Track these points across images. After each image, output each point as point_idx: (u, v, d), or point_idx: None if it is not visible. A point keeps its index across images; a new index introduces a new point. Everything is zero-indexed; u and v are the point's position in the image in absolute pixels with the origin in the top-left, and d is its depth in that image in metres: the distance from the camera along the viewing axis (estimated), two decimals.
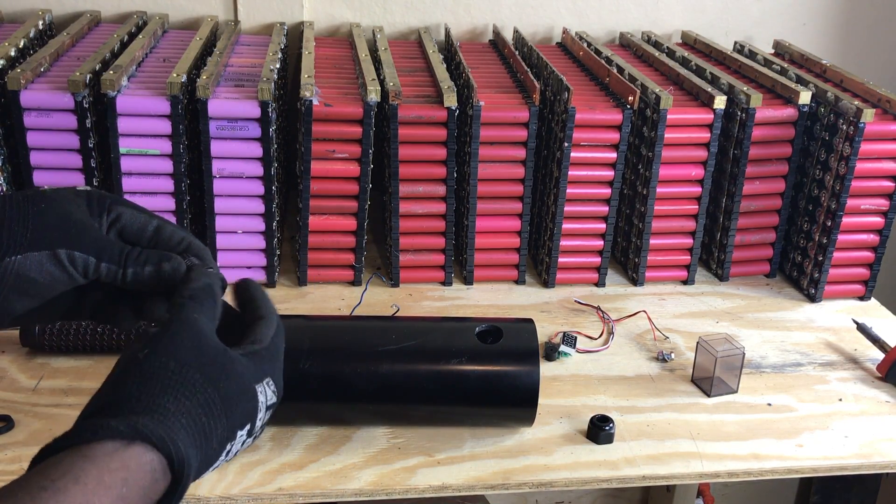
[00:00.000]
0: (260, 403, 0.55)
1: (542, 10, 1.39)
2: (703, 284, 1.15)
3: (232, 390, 0.53)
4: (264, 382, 0.56)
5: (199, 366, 0.52)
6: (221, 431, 0.52)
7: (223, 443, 0.53)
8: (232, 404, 0.53)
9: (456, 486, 0.77)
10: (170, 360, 0.52)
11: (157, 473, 0.47)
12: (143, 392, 0.50)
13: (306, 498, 0.76)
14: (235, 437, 0.53)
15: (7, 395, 0.85)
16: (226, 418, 0.52)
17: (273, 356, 0.58)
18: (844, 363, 0.99)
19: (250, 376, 0.55)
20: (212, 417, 0.51)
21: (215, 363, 0.53)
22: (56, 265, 0.57)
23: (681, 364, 0.97)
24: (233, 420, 0.53)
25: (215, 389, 0.52)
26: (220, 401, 0.52)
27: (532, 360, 0.79)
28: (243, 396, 0.54)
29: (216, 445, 0.52)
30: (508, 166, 1.06)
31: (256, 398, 0.55)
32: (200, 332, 0.54)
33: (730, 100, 1.07)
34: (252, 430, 0.55)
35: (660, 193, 1.09)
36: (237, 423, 0.53)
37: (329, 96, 1.02)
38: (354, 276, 1.09)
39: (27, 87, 0.96)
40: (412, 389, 0.78)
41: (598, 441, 0.83)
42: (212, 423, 0.51)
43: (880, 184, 1.08)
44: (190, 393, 0.51)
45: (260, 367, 0.57)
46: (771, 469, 0.82)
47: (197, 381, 0.51)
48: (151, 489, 0.47)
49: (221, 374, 0.53)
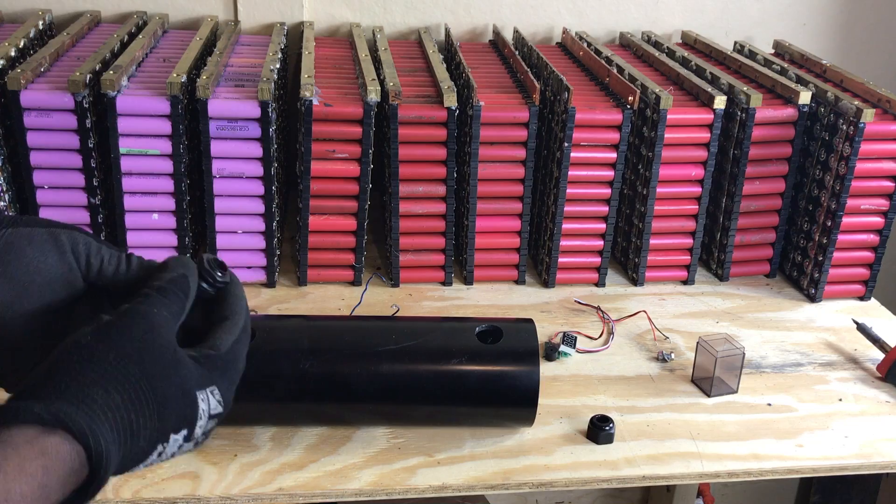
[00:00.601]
0: (201, 411, 0.53)
1: (542, 10, 1.39)
2: (703, 284, 1.15)
3: (170, 392, 0.51)
4: (207, 390, 0.54)
5: (139, 360, 0.50)
6: (151, 432, 0.50)
7: (153, 443, 0.50)
8: (167, 405, 0.51)
9: (456, 486, 0.77)
10: (110, 352, 0.50)
11: (74, 464, 0.46)
12: (74, 380, 0.48)
13: (306, 498, 0.76)
14: (168, 439, 0.51)
15: (7, 396, 0.84)
16: (158, 419, 0.50)
17: (227, 364, 0.56)
18: (844, 363, 0.99)
19: (194, 381, 0.53)
20: (141, 416, 0.49)
21: (158, 361, 0.51)
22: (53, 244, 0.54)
23: (681, 364, 0.97)
24: (165, 422, 0.51)
25: (150, 388, 0.50)
26: (155, 401, 0.50)
27: (532, 360, 0.79)
28: (182, 400, 0.52)
29: (144, 444, 0.50)
30: (508, 166, 1.06)
31: (196, 404, 0.53)
32: (152, 327, 0.52)
33: (730, 100, 1.07)
34: (190, 436, 0.53)
35: (660, 193, 1.09)
36: (170, 426, 0.51)
37: (329, 96, 1.02)
38: (354, 276, 1.09)
39: (27, 87, 0.96)
40: (412, 389, 0.78)
41: (598, 441, 0.83)
42: (141, 420, 0.49)
43: (880, 184, 1.08)
44: (122, 388, 0.49)
45: (209, 373, 0.54)
46: (771, 469, 0.82)
47: (132, 376, 0.49)
48: (69, 480, 0.46)
49: (161, 373, 0.51)
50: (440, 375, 0.78)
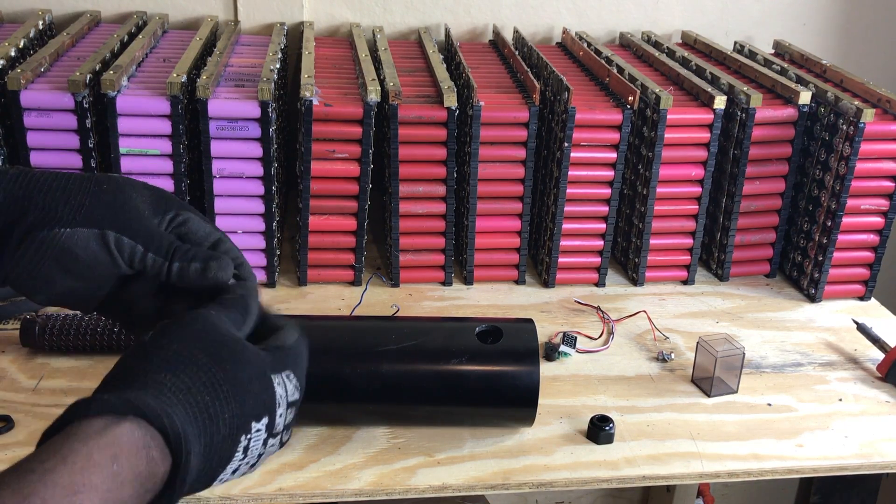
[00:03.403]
0: (278, 396, 0.52)
1: (542, 10, 1.39)
2: (703, 284, 1.15)
3: (243, 374, 0.50)
4: (283, 374, 0.54)
5: (203, 346, 0.50)
6: (230, 417, 0.49)
7: (235, 433, 0.49)
8: (242, 389, 0.50)
9: (456, 486, 0.77)
10: (172, 343, 0.50)
11: (151, 451, 0.45)
12: (140, 369, 0.48)
13: (306, 498, 0.76)
14: (250, 429, 0.50)
15: (7, 395, 0.85)
16: (235, 403, 0.49)
17: (296, 355, 0.56)
18: (844, 363, 0.99)
19: (267, 365, 0.53)
20: (217, 398, 0.48)
21: (224, 347, 0.51)
22: (101, 246, 0.56)
23: (681, 364, 0.97)
24: (245, 407, 0.50)
25: (221, 370, 0.49)
26: (228, 383, 0.49)
27: (532, 360, 0.79)
28: (256, 383, 0.51)
29: (225, 432, 0.49)
30: (508, 166, 1.06)
31: (273, 388, 0.52)
32: (212, 323, 0.52)
33: (730, 100, 1.07)
34: (272, 427, 0.52)
35: (660, 193, 1.09)
36: (250, 412, 0.50)
37: (329, 96, 1.02)
38: (354, 276, 1.09)
39: (27, 87, 0.96)
40: (412, 389, 0.78)
41: (598, 441, 0.83)
42: (217, 404, 0.48)
43: (880, 184, 1.08)
44: (192, 371, 0.48)
45: (280, 359, 0.54)
46: (771, 469, 0.82)
47: (201, 361, 0.49)
48: (147, 469, 0.44)
49: (230, 357, 0.51)
50: (440, 375, 0.78)
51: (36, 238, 0.55)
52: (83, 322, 0.90)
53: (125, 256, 0.57)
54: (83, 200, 0.56)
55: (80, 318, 0.90)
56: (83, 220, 0.56)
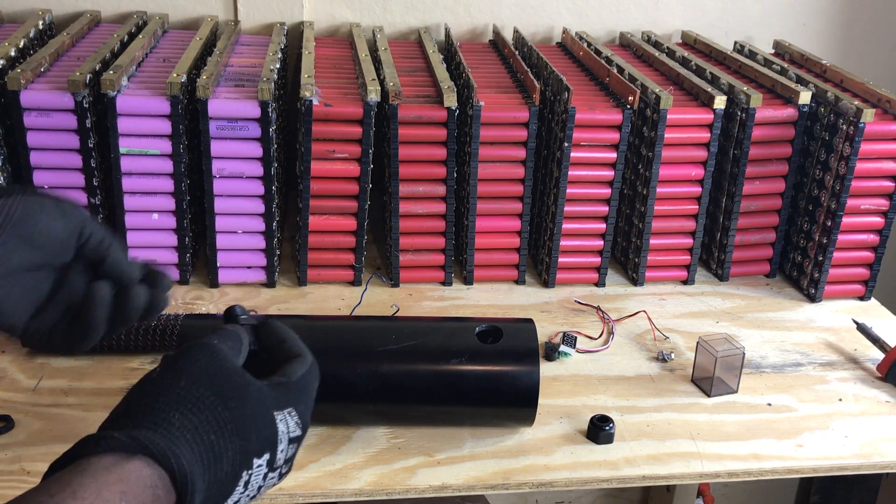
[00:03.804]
0: (280, 433, 0.54)
1: (542, 10, 1.38)
2: (703, 284, 1.15)
3: (246, 412, 0.52)
4: (285, 411, 0.55)
5: (210, 384, 0.51)
6: (233, 454, 0.50)
7: (237, 469, 0.51)
8: (245, 426, 0.51)
9: (456, 486, 0.77)
10: (181, 379, 0.51)
11: (158, 490, 0.46)
12: (149, 408, 0.49)
13: (306, 498, 0.76)
14: (252, 465, 0.51)
15: (7, 395, 0.85)
16: (239, 440, 0.51)
17: (300, 390, 0.57)
18: (844, 363, 0.99)
19: (270, 402, 0.54)
20: (221, 437, 0.50)
21: (229, 383, 0.52)
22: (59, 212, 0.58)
23: (681, 364, 0.97)
24: (247, 444, 0.51)
25: (226, 409, 0.51)
26: (232, 421, 0.51)
27: (532, 360, 0.79)
28: (259, 420, 0.53)
29: (228, 469, 0.50)
30: (508, 166, 1.06)
31: (275, 425, 0.54)
32: (216, 354, 0.54)
33: (730, 100, 1.07)
34: (273, 462, 0.53)
35: (660, 193, 1.09)
36: (252, 449, 0.52)
37: (329, 96, 1.02)
38: (354, 276, 1.09)
39: (27, 87, 0.96)
40: (412, 389, 0.78)
41: (598, 441, 0.83)
42: (222, 443, 0.50)
43: (880, 184, 1.08)
44: (198, 410, 0.50)
45: (283, 396, 0.55)
46: (771, 469, 0.82)
47: (206, 399, 0.50)
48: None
49: (234, 394, 0.52)
50: (440, 375, 0.78)
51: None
52: None
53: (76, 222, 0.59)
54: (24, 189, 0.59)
55: None
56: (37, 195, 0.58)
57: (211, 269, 1.06)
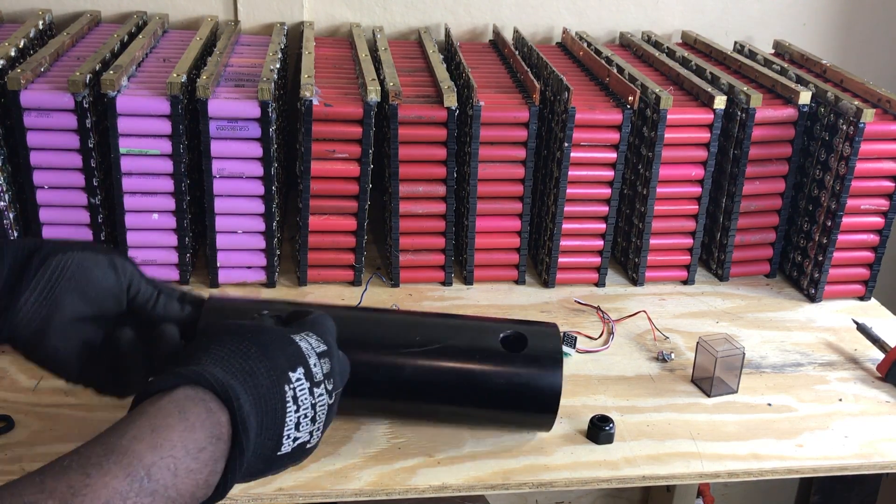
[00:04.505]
0: (304, 348, 0.58)
1: (542, 10, 1.38)
2: (703, 284, 1.15)
3: (264, 339, 0.57)
4: (302, 334, 0.60)
5: (226, 332, 0.58)
6: (266, 371, 0.55)
7: (276, 382, 0.55)
8: (267, 350, 0.56)
9: (456, 486, 0.77)
10: (198, 342, 0.57)
11: (209, 403, 0.51)
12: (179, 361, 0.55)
13: (306, 498, 0.76)
14: (290, 378, 0.56)
15: (7, 395, 0.85)
16: (266, 360, 0.56)
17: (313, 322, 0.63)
18: (844, 363, 0.99)
19: (286, 331, 0.60)
20: (248, 359, 0.55)
21: (242, 328, 0.59)
22: (110, 267, 0.64)
23: (681, 364, 0.97)
24: (276, 361, 0.56)
25: (244, 340, 0.56)
26: (255, 347, 0.56)
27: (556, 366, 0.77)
28: (280, 342, 0.58)
29: (266, 382, 0.54)
30: (508, 166, 1.06)
31: (296, 343, 0.58)
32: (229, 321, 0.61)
33: (730, 100, 1.07)
34: (311, 376, 0.58)
35: (660, 193, 1.09)
36: (283, 365, 0.56)
37: (329, 96, 1.02)
38: (354, 276, 1.09)
39: (27, 87, 0.96)
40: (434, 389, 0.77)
41: (598, 441, 0.83)
42: (251, 363, 0.55)
43: (880, 184, 1.08)
44: (220, 346, 0.56)
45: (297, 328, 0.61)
46: (771, 469, 0.82)
47: (226, 339, 0.56)
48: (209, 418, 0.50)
49: (250, 331, 0.58)
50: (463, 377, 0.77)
51: (53, 259, 0.62)
52: None
53: (126, 278, 0.65)
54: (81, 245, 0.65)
55: None
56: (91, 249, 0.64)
57: (211, 269, 1.06)
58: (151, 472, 0.46)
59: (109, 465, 0.45)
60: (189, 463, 0.48)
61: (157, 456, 0.47)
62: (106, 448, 0.46)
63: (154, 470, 0.46)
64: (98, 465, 0.45)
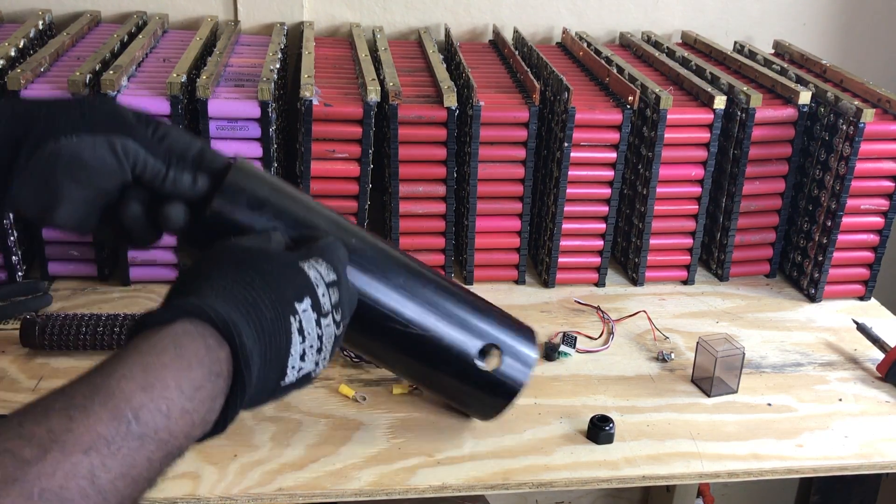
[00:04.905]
0: (313, 277, 0.56)
1: (542, 10, 1.38)
2: (703, 284, 1.15)
3: (269, 267, 0.54)
4: (311, 260, 0.57)
5: (228, 258, 0.54)
6: (271, 301, 0.52)
7: (281, 313, 0.52)
8: (273, 278, 0.53)
9: (456, 486, 0.77)
10: (201, 263, 0.54)
11: (208, 339, 0.48)
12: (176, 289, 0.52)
13: (306, 498, 0.76)
14: (296, 309, 0.53)
15: (7, 395, 0.85)
16: (271, 289, 0.53)
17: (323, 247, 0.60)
18: (844, 363, 0.99)
19: (293, 256, 0.57)
20: (252, 289, 0.52)
21: (247, 252, 0.55)
22: (109, 151, 0.59)
23: (681, 364, 0.97)
24: (281, 291, 0.53)
25: (248, 268, 0.53)
26: (258, 276, 0.53)
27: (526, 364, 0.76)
28: (286, 270, 0.55)
29: (270, 314, 0.52)
30: (508, 166, 1.06)
31: (304, 271, 0.56)
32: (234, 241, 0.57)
33: (730, 100, 1.07)
34: (319, 307, 0.55)
35: (660, 193, 1.09)
36: (289, 295, 0.53)
37: (329, 96, 1.02)
38: None
39: (27, 87, 0.96)
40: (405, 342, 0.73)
41: (598, 441, 0.83)
42: (254, 293, 0.52)
43: (880, 184, 1.08)
44: (222, 275, 0.52)
45: (306, 252, 0.58)
46: (771, 469, 0.82)
47: (227, 267, 0.53)
48: (208, 354, 0.47)
49: (255, 258, 0.55)
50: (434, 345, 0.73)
51: (45, 150, 0.58)
52: (83, 322, 0.90)
53: (130, 160, 0.60)
54: (82, 111, 0.59)
55: (80, 317, 0.90)
56: (87, 128, 0.59)
57: None
58: (140, 415, 0.43)
59: (94, 408, 0.42)
60: (184, 403, 0.45)
61: (147, 397, 0.44)
62: (92, 388, 0.43)
63: (143, 412, 0.43)
64: (82, 408, 0.42)
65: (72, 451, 0.40)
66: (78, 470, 0.40)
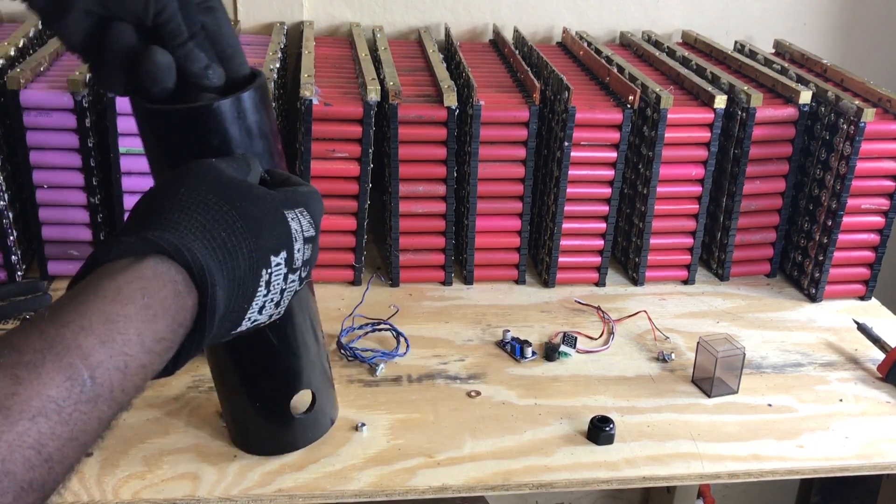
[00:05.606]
0: (293, 230, 0.53)
1: (542, 9, 1.38)
2: (703, 284, 1.15)
3: (254, 212, 0.51)
4: (296, 210, 0.54)
5: (212, 189, 0.50)
6: (248, 251, 0.49)
7: (255, 266, 0.49)
8: (256, 224, 0.50)
9: (456, 486, 0.77)
10: (180, 186, 0.50)
11: (178, 285, 0.45)
12: (151, 212, 0.48)
13: (306, 499, 0.76)
14: (270, 262, 0.50)
15: None
16: (252, 237, 0.49)
17: (308, 196, 0.56)
18: (845, 363, 0.99)
19: (279, 202, 0.53)
20: (233, 234, 0.48)
21: (233, 187, 0.51)
22: None
23: (681, 364, 0.97)
24: (261, 241, 0.50)
25: (233, 208, 0.50)
26: (241, 219, 0.50)
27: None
28: (270, 217, 0.52)
29: (245, 266, 0.49)
30: (508, 166, 1.06)
31: (287, 222, 0.53)
32: (216, 168, 0.52)
33: (730, 99, 1.07)
34: (291, 262, 0.52)
35: (660, 193, 1.09)
36: (268, 246, 0.51)
37: (329, 96, 1.02)
38: (354, 276, 1.09)
39: (27, 87, 0.96)
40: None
41: (599, 442, 0.83)
42: (234, 239, 0.48)
43: (881, 183, 1.07)
44: (203, 210, 0.48)
45: (292, 198, 0.54)
46: (771, 470, 0.82)
47: (210, 201, 0.49)
48: (175, 302, 0.44)
49: (240, 195, 0.51)
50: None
51: None
52: None
53: (158, 4, 0.53)
54: None
55: None
56: None
57: None
58: (96, 374, 0.39)
59: (45, 366, 0.37)
60: (142, 358, 0.41)
61: (106, 353, 0.39)
62: (44, 341, 0.38)
63: (100, 371, 0.39)
64: (31, 366, 0.37)
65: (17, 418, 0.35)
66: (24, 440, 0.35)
